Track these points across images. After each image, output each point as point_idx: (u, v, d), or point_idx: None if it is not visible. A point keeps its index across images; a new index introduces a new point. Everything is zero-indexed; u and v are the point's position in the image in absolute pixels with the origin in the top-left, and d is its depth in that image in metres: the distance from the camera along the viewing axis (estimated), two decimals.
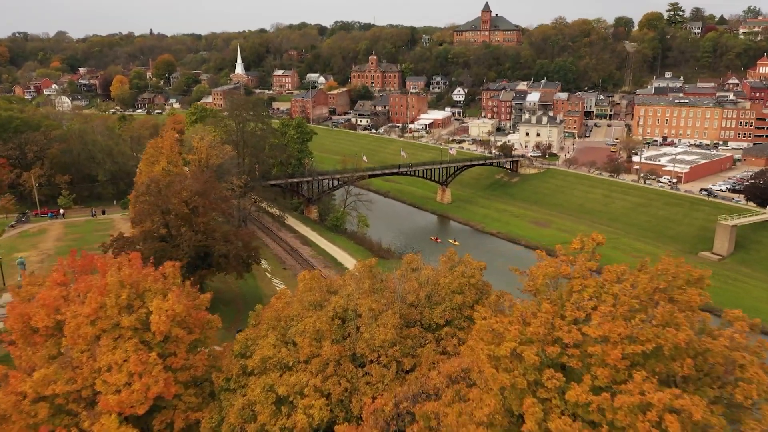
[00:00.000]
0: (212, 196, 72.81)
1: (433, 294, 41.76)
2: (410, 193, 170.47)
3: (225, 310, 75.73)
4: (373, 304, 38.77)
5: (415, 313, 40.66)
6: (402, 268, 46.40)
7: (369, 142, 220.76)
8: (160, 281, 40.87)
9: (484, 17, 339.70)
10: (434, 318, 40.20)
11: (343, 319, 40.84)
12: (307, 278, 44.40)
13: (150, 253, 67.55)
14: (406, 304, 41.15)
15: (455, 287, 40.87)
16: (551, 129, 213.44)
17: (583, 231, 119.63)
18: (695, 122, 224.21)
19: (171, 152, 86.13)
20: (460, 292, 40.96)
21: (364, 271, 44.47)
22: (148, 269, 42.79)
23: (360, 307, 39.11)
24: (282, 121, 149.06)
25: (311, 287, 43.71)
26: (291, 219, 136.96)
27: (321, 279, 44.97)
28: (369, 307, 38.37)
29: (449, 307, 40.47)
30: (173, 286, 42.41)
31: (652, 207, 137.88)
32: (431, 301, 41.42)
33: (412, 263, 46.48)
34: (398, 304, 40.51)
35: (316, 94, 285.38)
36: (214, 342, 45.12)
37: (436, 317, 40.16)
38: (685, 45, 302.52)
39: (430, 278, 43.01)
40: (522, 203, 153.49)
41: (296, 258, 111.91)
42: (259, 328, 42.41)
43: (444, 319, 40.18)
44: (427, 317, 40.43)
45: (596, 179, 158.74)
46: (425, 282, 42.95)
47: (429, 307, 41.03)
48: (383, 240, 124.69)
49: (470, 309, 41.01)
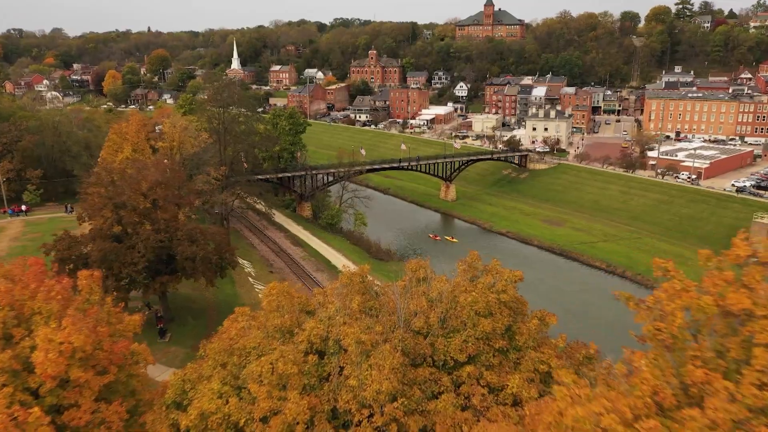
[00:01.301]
0: (178, 188, 60.28)
1: (450, 316, 29.32)
2: (412, 190, 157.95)
3: (193, 325, 63.35)
4: (363, 333, 26.27)
5: (425, 345, 28.15)
6: (405, 279, 33.94)
7: (368, 137, 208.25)
8: (58, 298, 28.20)
9: (486, 11, 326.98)
10: (451, 351, 27.75)
11: (321, 352, 28.40)
12: (274, 293, 31.80)
13: (100, 256, 55.41)
14: (411, 332, 28.71)
15: (481, 307, 28.38)
16: (559, 123, 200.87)
17: (600, 230, 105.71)
18: (710, 117, 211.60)
19: (137, 138, 73.79)
20: (488, 315, 28.50)
21: (353, 283, 32.01)
22: (53, 281, 30.28)
23: (345, 338, 26.65)
24: (273, 111, 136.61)
25: (279, 305, 31.22)
26: (282, 217, 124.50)
27: (293, 294, 32.43)
28: (357, 339, 25.88)
29: (473, 335, 28.01)
30: (88, 305, 29.97)
31: (675, 204, 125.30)
32: (447, 327, 28.97)
33: (419, 271, 34.03)
34: (400, 332, 28.06)
35: (314, 89, 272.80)
36: (143, 383, 32.49)
37: (454, 350, 27.69)
38: (695, 39, 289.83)
39: (445, 294, 30.55)
40: (532, 200, 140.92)
41: (285, 260, 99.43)
42: (203, 363, 29.93)
43: (466, 354, 27.70)
44: (442, 350, 27.96)
45: (612, 175, 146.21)
46: (437, 299, 30.51)
47: (444, 336, 28.58)
48: (382, 240, 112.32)
49: (502, 338, 28.52)
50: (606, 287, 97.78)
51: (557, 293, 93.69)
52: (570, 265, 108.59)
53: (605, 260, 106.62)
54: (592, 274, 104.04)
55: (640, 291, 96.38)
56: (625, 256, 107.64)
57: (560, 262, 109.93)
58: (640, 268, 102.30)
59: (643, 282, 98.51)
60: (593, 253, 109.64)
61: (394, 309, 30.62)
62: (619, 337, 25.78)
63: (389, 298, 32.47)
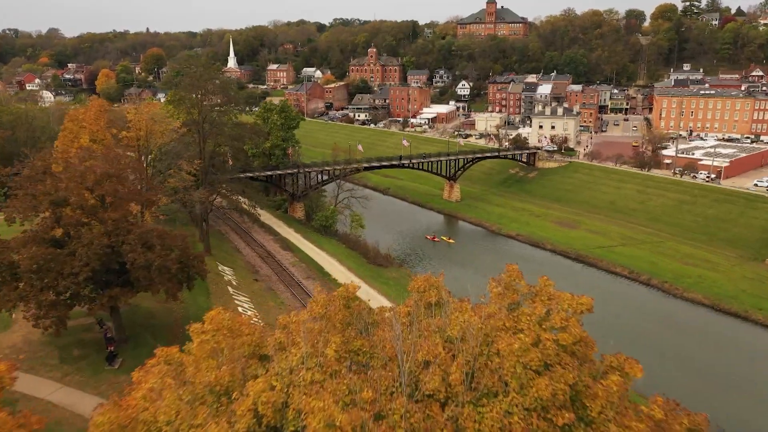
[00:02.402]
0: (141, 183, 49.39)
1: (481, 370, 18.39)
2: (413, 190, 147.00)
3: (153, 347, 52.08)
4: (340, 408, 15.34)
5: (441, 422, 17.20)
6: (409, 303, 23.13)
7: (367, 135, 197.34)
8: None
9: (489, 9, 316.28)
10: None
11: (276, 430, 17.47)
12: (209, 330, 20.79)
13: (31, 265, 44.55)
14: (417, 398, 17.79)
15: (534, 359, 17.45)
16: (567, 121, 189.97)
17: (618, 233, 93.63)
18: (723, 114, 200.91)
19: (95, 126, 63.03)
20: (544, 369, 17.59)
21: (332, 313, 21.07)
22: None
23: (309, 415, 15.68)
24: (264, 105, 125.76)
25: (216, 348, 20.29)
26: (272, 218, 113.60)
27: (240, 329, 21.41)
28: (329, 421, 14.95)
29: (521, 404, 17.08)
30: None
31: (698, 205, 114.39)
32: (477, 389, 18.05)
33: (428, 293, 23.18)
34: (402, 400, 17.10)
35: (312, 87, 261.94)
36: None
37: (490, 430, 16.74)
38: (703, 37, 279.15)
39: (472, 332, 19.59)
40: (542, 201, 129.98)
41: (273, 266, 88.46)
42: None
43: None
44: (471, 430, 17.02)
45: (627, 173, 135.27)
46: (460, 339, 19.60)
47: (473, 404, 17.65)
48: (381, 243, 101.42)
49: (565, 407, 17.54)
50: (632, 297, 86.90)
51: None
52: (587, 271, 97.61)
53: (627, 266, 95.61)
54: (614, 282, 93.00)
55: (668, 300, 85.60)
56: (647, 261, 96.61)
57: (576, 268, 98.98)
58: (666, 275, 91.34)
59: (670, 291, 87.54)
60: (613, 258, 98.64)
61: (392, 353, 19.72)
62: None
63: (385, 333, 21.50)
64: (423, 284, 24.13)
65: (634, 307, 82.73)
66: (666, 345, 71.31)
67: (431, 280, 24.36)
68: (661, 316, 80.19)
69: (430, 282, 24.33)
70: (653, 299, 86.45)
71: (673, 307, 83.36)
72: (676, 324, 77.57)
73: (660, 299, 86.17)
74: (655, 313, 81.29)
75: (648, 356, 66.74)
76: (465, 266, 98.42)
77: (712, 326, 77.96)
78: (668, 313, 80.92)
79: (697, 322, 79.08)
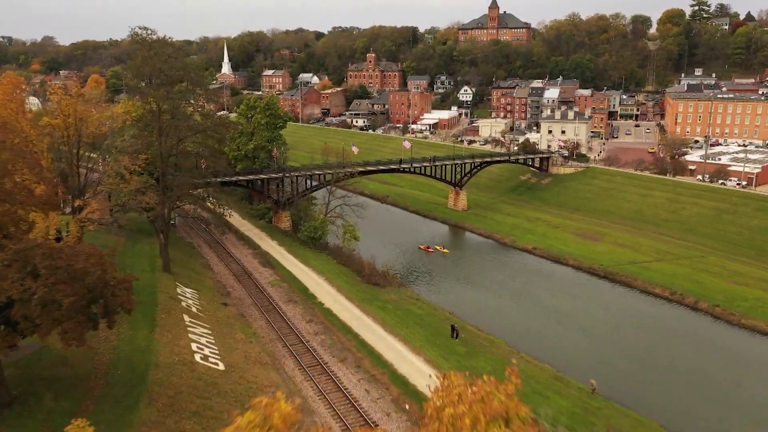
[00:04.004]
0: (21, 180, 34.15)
1: None
2: (414, 198, 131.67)
3: (50, 411, 36.48)
4: None
5: None
6: None
7: (365, 140, 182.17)
8: None
9: (491, 14, 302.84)
10: None
11: None
12: None
13: None
14: None
15: None
16: (579, 125, 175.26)
17: (650, 246, 74.05)
18: (743, 119, 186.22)
19: (4, 110, 48.06)
20: None
21: None
22: None
23: None
24: (247, 102, 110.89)
25: None
26: (254, 229, 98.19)
27: None
28: None
29: None
30: None
31: (740, 214, 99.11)
32: None
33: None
34: None
35: (308, 92, 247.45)
36: None
37: None
38: (714, 41, 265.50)
39: None
40: (559, 210, 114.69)
41: (248, 287, 72.93)
42: None
43: None
44: None
45: (653, 179, 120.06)
46: None
47: None
48: (378, 258, 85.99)
49: None
50: (680, 325, 71.29)
51: (620, 332, 67.26)
52: (619, 291, 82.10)
53: (667, 286, 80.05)
54: (653, 304, 77.43)
55: (724, 329, 69.99)
56: (691, 280, 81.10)
57: (605, 287, 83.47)
58: (715, 296, 75.79)
59: (724, 316, 71.94)
60: (649, 276, 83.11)
61: None
62: None
63: None
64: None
65: (685, 338, 67.15)
66: (744, 395, 55.72)
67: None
68: (722, 350, 64.61)
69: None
70: (705, 327, 70.84)
71: (733, 338, 67.78)
72: (746, 361, 61.94)
73: (714, 327, 70.56)
74: (715, 345, 65.73)
75: (729, 413, 51.24)
76: (476, 285, 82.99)
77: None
78: (730, 347, 65.26)
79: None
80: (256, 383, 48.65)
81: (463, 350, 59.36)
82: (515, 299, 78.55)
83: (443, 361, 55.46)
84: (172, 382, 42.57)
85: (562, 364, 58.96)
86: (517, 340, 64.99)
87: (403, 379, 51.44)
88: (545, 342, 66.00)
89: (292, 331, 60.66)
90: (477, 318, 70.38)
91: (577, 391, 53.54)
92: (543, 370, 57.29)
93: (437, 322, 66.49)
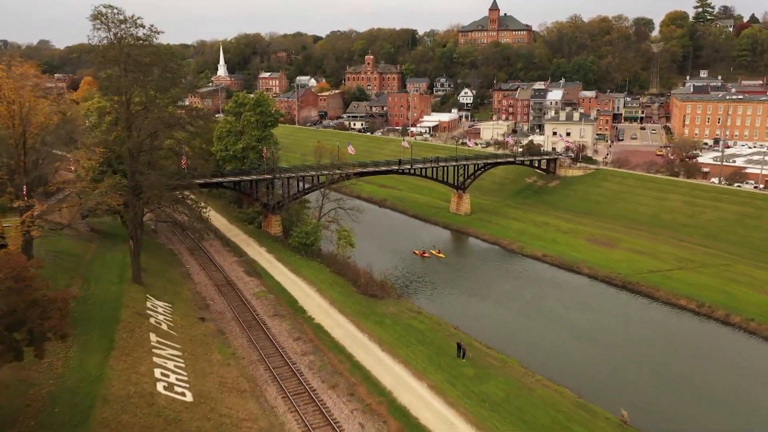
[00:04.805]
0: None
1: None
2: (414, 202, 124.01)
3: None
4: None
5: None
6: None
7: (363, 142, 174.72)
8: None
9: (491, 16, 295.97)
10: None
11: None
12: None
13: None
14: None
15: None
16: (584, 127, 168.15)
17: (669, 253, 65.63)
18: (754, 121, 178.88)
19: None
20: None
21: None
22: None
23: None
24: (236, 99, 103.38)
25: None
26: (242, 235, 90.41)
27: None
28: None
29: None
30: None
31: (766, 219, 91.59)
32: None
33: None
34: None
35: (304, 94, 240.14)
36: None
37: None
38: (719, 43, 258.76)
39: None
40: (568, 214, 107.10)
41: (230, 299, 65.04)
42: None
43: None
44: None
45: (667, 182, 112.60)
46: None
47: None
48: (375, 266, 78.26)
49: None
50: (713, 343, 63.47)
51: (645, 350, 59.40)
52: (639, 303, 74.37)
53: (693, 297, 72.32)
54: (679, 318, 69.68)
55: (760, 344, 62.32)
56: (719, 290, 73.40)
57: (624, 298, 75.73)
58: (748, 309, 68.07)
59: (761, 332, 64.21)
60: (672, 286, 75.39)
61: None
62: None
63: None
64: None
65: (720, 357, 59.39)
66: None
67: None
68: (765, 371, 56.86)
69: None
70: (741, 343, 63.07)
71: (746, 343, 60.19)
72: None
73: (752, 344, 62.78)
74: (753, 365, 57.98)
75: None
76: (483, 296, 75.19)
77: None
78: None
79: None
80: (229, 417, 40.81)
81: (472, 372, 51.56)
82: (526, 312, 70.78)
83: (450, 387, 47.73)
84: (123, 420, 34.71)
85: (584, 388, 51.17)
86: (532, 359, 57.25)
87: (404, 411, 43.67)
88: (563, 361, 58.28)
89: (276, 351, 52.83)
90: (485, 333, 62.65)
91: (605, 422, 45.82)
92: (563, 395, 49.54)
93: (441, 338, 58.72)
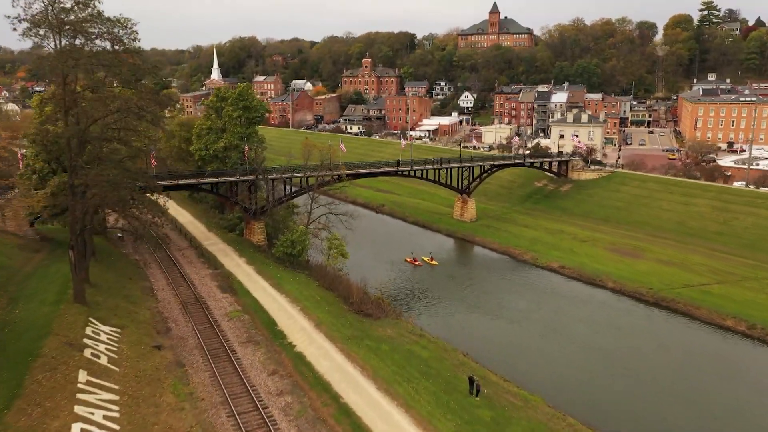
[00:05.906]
0: None
1: None
2: (414, 207, 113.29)
3: None
4: None
5: None
6: None
7: (360, 144, 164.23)
8: None
9: (492, 19, 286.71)
10: None
11: None
12: None
13: None
14: None
15: None
16: (593, 129, 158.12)
17: (703, 264, 55.09)
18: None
19: None
20: None
21: None
22: None
23: None
24: (217, 93, 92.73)
25: None
26: (220, 244, 79.45)
27: None
28: None
29: None
30: None
31: None
32: None
33: None
34: None
35: (299, 97, 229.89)
36: None
37: None
38: (725, 46, 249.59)
39: None
40: (584, 221, 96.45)
41: (197, 320, 53.93)
42: None
43: None
44: None
45: (693, 185, 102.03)
46: None
47: None
48: (370, 280, 67.42)
49: None
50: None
51: (693, 384, 48.42)
52: (675, 322, 63.47)
53: (741, 317, 61.46)
54: (726, 342, 58.76)
55: None
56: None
57: (658, 318, 64.80)
58: None
59: None
60: (714, 303, 64.57)
61: None
62: None
63: None
64: None
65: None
66: None
67: None
68: None
69: None
70: None
71: None
72: None
73: None
74: None
75: None
76: (494, 314, 64.24)
77: None
78: None
79: None
80: None
81: (489, 416, 40.63)
82: (546, 334, 59.84)
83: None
84: None
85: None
86: (559, 395, 46.46)
87: None
88: (596, 399, 47.41)
89: (245, 390, 41.79)
90: (501, 362, 51.83)
91: None
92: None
93: (449, 369, 47.78)
